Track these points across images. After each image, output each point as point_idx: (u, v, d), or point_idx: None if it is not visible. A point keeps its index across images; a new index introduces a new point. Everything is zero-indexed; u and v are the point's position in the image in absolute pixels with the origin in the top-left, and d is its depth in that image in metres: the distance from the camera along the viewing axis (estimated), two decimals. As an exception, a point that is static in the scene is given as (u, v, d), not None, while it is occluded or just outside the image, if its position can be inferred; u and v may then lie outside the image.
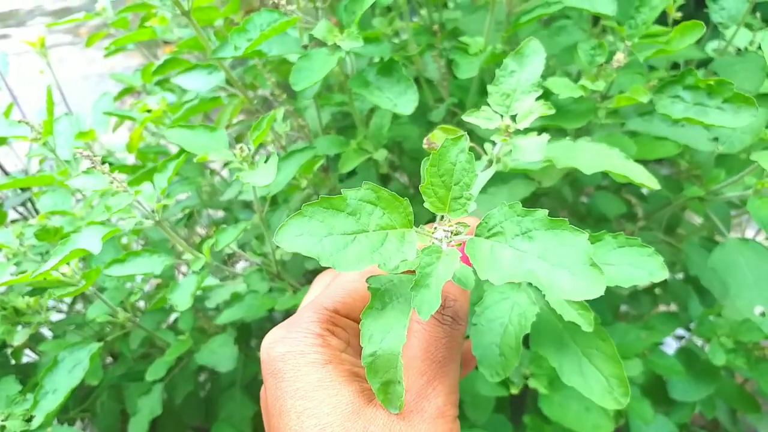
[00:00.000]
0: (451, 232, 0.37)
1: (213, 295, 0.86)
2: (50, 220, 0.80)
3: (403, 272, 0.40)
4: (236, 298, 0.83)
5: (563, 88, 0.72)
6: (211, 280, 0.82)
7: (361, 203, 0.36)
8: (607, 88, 0.74)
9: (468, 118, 0.51)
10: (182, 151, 0.69)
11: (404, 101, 0.70)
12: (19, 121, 0.78)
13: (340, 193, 0.36)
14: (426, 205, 0.38)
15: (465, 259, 0.40)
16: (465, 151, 0.37)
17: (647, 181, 0.59)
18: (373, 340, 0.37)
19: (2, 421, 0.71)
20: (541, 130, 0.57)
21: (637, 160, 0.79)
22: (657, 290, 1.23)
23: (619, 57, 0.68)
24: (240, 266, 1.21)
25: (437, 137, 0.52)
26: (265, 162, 0.63)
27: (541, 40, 0.86)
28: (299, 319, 0.42)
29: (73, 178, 0.65)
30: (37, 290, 0.90)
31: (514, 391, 0.80)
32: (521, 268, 0.33)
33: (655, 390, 1.00)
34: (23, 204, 1.24)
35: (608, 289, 0.91)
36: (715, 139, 0.75)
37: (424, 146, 0.52)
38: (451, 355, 0.41)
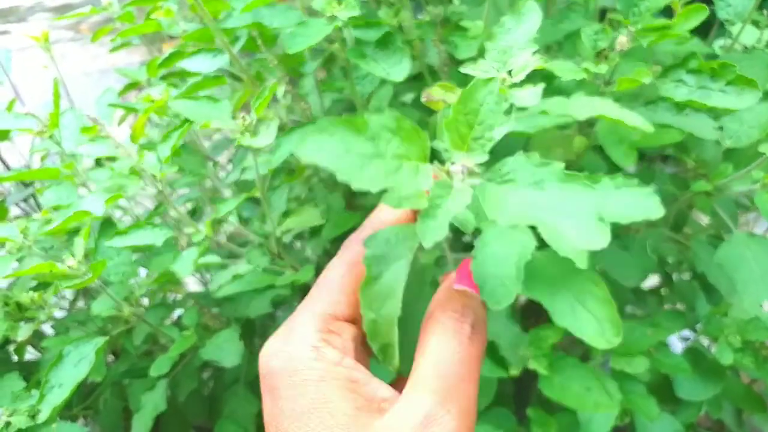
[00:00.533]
0: (468, 170, 0.37)
1: (216, 277, 0.86)
2: (55, 215, 0.79)
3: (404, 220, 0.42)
4: (237, 277, 0.83)
5: (566, 71, 0.71)
6: (214, 258, 0.82)
7: (382, 130, 0.36)
8: (610, 73, 0.73)
9: (465, 69, 0.51)
10: (185, 121, 0.69)
11: (397, 69, 0.73)
12: (26, 114, 0.77)
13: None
14: (444, 141, 0.38)
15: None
16: (494, 93, 0.37)
17: (641, 124, 0.59)
18: (372, 308, 0.38)
19: (7, 417, 0.71)
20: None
21: (641, 148, 0.79)
22: (663, 290, 1.23)
23: (622, 40, 0.68)
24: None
25: (436, 92, 0.53)
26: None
27: (544, 27, 0.86)
28: (294, 327, 0.40)
29: (81, 145, 0.65)
30: (42, 285, 0.90)
31: (514, 372, 0.80)
32: (529, 214, 0.33)
33: (662, 389, 0.99)
34: (26, 200, 1.24)
35: (614, 287, 0.90)
36: (720, 128, 0.75)
37: (423, 100, 0.53)
38: (469, 372, 0.38)
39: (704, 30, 0.98)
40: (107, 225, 0.78)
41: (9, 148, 1.26)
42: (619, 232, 0.95)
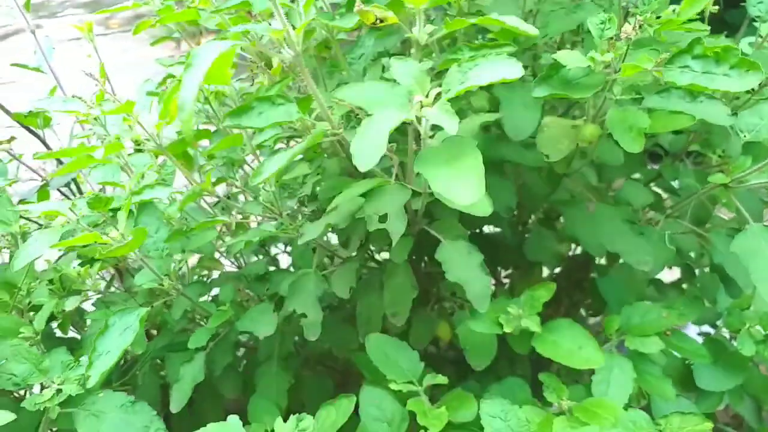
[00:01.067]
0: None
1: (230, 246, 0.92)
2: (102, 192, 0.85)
3: None
4: (248, 245, 0.90)
5: (572, 60, 0.74)
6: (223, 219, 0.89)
7: None
8: (618, 62, 0.75)
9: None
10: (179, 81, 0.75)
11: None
12: (73, 96, 0.82)
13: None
14: None
15: None
16: None
17: (523, 26, 0.63)
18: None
19: (59, 384, 0.76)
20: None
21: (652, 134, 0.81)
22: (684, 285, 1.24)
23: (627, 28, 0.70)
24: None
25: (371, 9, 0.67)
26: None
27: (559, 17, 0.88)
28: None
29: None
30: (86, 262, 0.95)
31: (508, 328, 0.83)
32: None
33: (683, 380, 1.01)
34: (67, 185, 1.29)
35: (631, 271, 0.92)
36: (734, 114, 0.77)
37: (355, 10, 0.65)
38: None
39: (734, 29, 1.00)
40: (146, 205, 0.83)
41: (48, 136, 1.32)
42: (637, 222, 0.98)
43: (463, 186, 0.55)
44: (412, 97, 0.60)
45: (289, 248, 1.30)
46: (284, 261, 1.33)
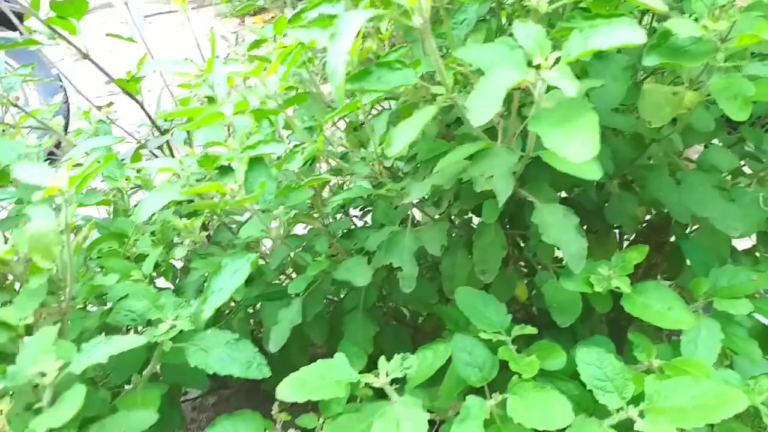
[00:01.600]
0: None
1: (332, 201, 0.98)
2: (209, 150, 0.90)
3: None
4: (347, 199, 0.96)
5: (684, 27, 0.74)
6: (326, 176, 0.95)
7: None
8: (728, 30, 0.75)
9: None
10: (299, 43, 0.78)
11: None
12: (185, 59, 0.87)
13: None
14: None
15: None
16: None
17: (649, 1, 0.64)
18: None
19: (173, 320, 0.83)
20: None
21: (755, 102, 0.82)
22: (757, 253, 1.23)
23: None
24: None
25: None
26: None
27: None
28: None
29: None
30: (189, 215, 1.02)
31: (599, 288, 0.85)
32: None
33: (762, 343, 1.01)
34: (160, 147, 1.37)
35: (714, 235, 0.92)
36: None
37: None
38: None
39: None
40: (255, 161, 0.88)
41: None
42: (727, 185, 0.98)
43: (579, 143, 0.57)
44: (532, 60, 0.62)
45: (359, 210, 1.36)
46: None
